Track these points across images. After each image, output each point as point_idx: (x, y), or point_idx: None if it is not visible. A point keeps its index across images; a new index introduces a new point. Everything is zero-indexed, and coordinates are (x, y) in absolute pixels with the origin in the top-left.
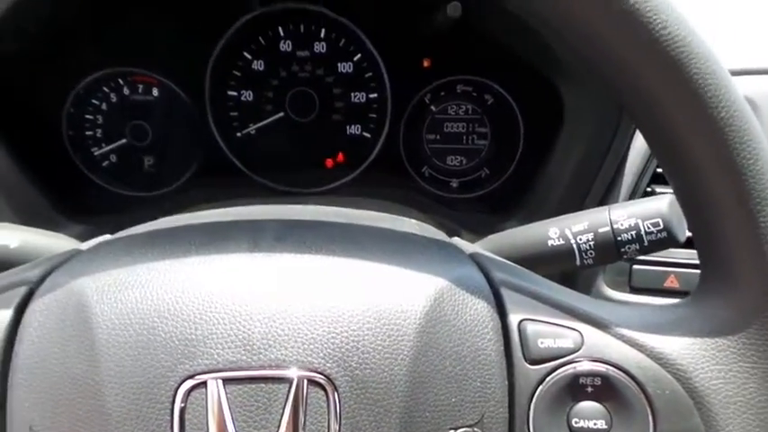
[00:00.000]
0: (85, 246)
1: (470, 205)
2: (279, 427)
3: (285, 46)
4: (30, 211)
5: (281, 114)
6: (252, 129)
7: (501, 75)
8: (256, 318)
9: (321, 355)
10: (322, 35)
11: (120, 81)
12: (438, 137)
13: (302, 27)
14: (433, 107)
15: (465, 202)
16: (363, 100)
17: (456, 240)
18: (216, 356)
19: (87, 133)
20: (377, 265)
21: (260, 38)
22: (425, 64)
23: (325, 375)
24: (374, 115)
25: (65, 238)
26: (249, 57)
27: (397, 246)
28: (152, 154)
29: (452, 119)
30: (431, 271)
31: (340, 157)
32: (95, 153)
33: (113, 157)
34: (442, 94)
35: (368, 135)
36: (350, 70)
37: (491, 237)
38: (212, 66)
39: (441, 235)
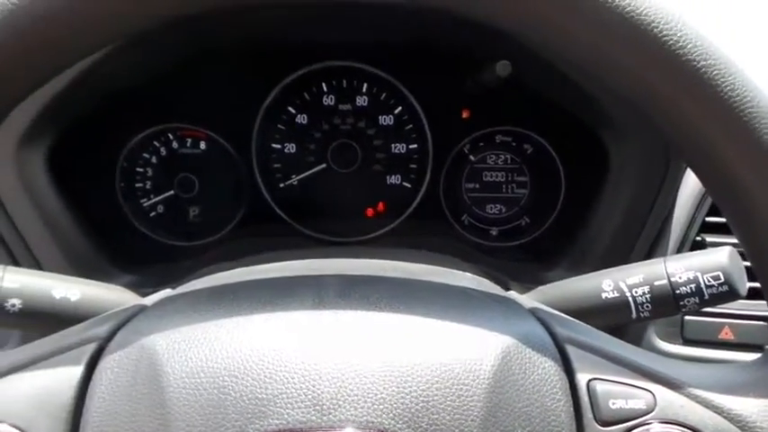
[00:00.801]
0: (149, 301)
1: (511, 254)
2: None
3: (328, 100)
4: (82, 261)
5: (324, 166)
6: (294, 180)
7: (541, 125)
8: (325, 377)
9: (391, 415)
10: (364, 89)
11: (170, 135)
12: (477, 186)
13: (345, 82)
14: (471, 157)
15: (506, 250)
16: (404, 151)
17: (513, 294)
18: (286, 416)
19: (137, 185)
20: (442, 323)
21: (304, 93)
22: (465, 115)
23: None
24: (414, 165)
25: (121, 290)
26: (293, 111)
27: (459, 302)
28: (197, 204)
29: (491, 168)
30: (495, 328)
31: (380, 206)
32: (144, 204)
33: (160, 208)
34: (481, 144)
35: (408, 185)
36: (390, 122)
37: (542, 288)
38: (260, 121)
39: (497, 289)
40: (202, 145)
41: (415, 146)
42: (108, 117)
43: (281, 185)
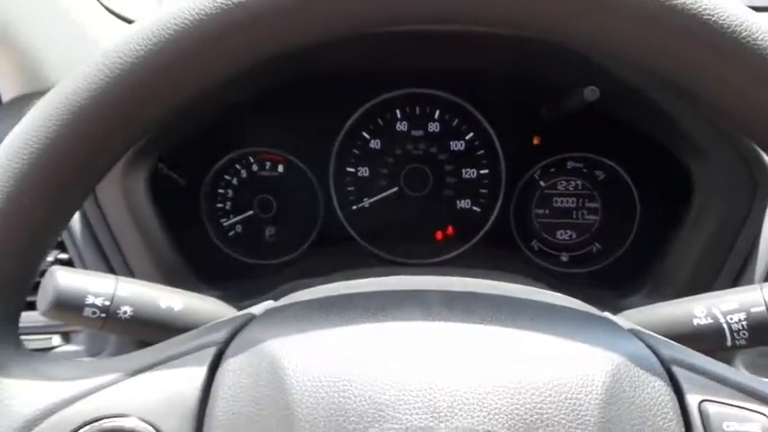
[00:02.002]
0: (257, 311)
1: (583, 280)
2: None
3: (401, 126)
4: (172, 275)
5: (396, 189)
6: (366, 202)
7: (616, 151)
8: (441, 385)
9: (506, 425)
10: (436, 116)
11: (251, 159)
12: (547, 211)
13: (418, 109)
14: (542, 183)
15: (577, 276)
16: (474, 176)
17: (608, 315)
18: (404, 421)
19: (218, 205)
20: (549, 338)
21: (378, 119)
22: (536, 141)
23: None
24: (484, 190)
25: (217, 302)
26: (367, 136)
27: (562, 318)
28: (274, 225)
29: (562, 194)
30: (602, 345)
31: (450, 230)
32: (224, 224)
33: (238, 228)
34: (552, 170)
35: (477, 209)
36: (462, 148)
37: (628, 312)
38: (338, 146)
39: (592, 309)
40: (280, 168)
41: (486, 171)
42: (197, 142)
43: (354, 207)
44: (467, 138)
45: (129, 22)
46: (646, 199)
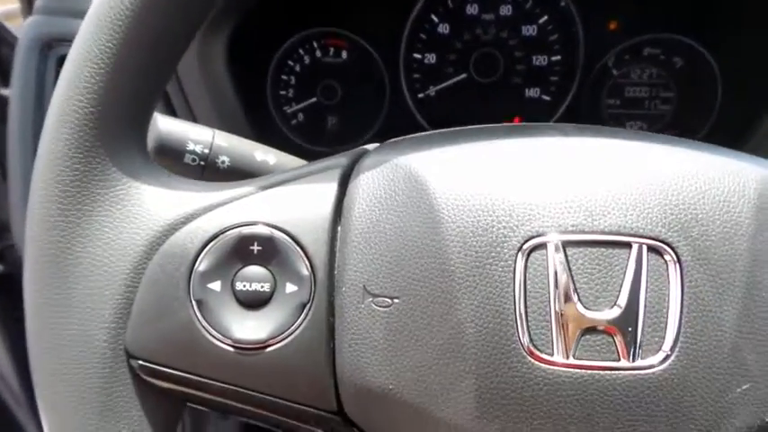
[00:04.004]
0: (370, 147)
1: None
2: (620, 290)
3: (472, 9)
4: None
5: (464, 75)
6: (432, 90)
7: (704, 31)
8: (593, 186)
9: (661, 223)
10: None
11: (315, 44)
12: (618, 102)
13: None
14: (614, 71)
15: None
16: (545, 63)
17: None
18: (556, 219)
19: (281, 92)
20: (695, 152)
21: (448, 1)
22: (612, 26)
23: (666, 243)
24: (556, 78)
25: (303, 161)
26: (436, 20)
27: (700, 143)
28: (338, 112)
29: (635, 83)
30: (748, 160)
31: (516, 120)
32: (287, 111)
33: (300, 116)
34: (626, 57)
35: (547, 98)
36: (534, 33)
37: None
38: (409, 28)
39: None
40: (344, 54)
41: (559, 57)
42: (268, 18)
43: (420, 95)
44: (540, 21)
45: None
46: (729, 87)
